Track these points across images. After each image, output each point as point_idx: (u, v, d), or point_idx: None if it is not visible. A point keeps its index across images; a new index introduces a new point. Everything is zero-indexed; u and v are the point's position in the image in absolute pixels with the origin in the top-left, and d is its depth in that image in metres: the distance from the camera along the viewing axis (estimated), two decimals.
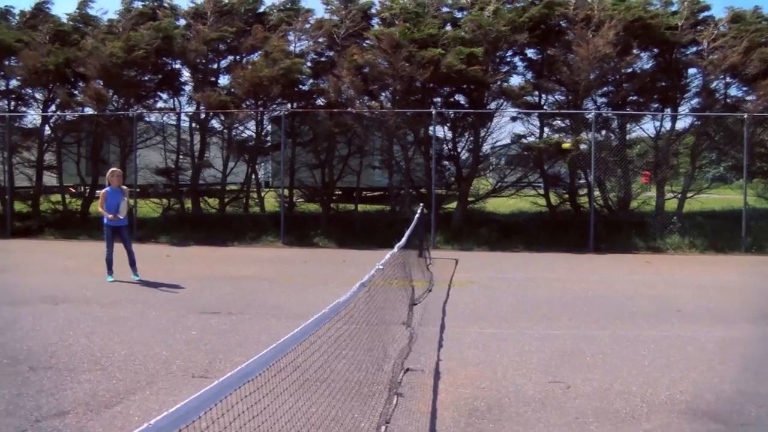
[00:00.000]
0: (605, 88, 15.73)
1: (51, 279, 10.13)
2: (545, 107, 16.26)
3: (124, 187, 10.40)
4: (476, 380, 5.39)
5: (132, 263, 10.22)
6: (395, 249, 6.31)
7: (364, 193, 18.96)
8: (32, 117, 18.26)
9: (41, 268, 11.28)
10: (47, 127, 17.96)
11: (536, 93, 16.05)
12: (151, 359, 5.91)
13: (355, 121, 15.49)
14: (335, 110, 15.38)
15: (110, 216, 10.02)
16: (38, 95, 17.99)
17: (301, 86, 16.64)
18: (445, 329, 7.14)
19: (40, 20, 17.47)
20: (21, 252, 13.42)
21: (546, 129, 16.36)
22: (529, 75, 16.34)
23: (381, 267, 4.92)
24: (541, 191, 16.86)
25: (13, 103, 17.80)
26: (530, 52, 16.20)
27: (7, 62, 17.06)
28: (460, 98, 16.61)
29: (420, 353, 6.14)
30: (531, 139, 16.36)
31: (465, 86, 15.81)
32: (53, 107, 17.84)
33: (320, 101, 16.82)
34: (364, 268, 4.99)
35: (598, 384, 5.33)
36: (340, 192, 18.68)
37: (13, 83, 17.59)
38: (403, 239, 7.29)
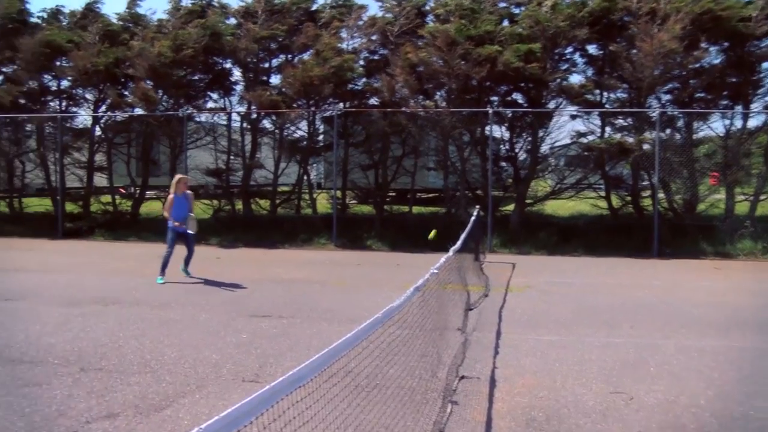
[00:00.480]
0: (670, 85, 15.25)
1: (101, 280, 10.39)
2: (606, 105, 15.88)
3: (189, 192, 10.63)
4: (534, 389, 5.30)
5: (188, 260, 10.58)
6: (450, 252, 6.27)
7: (419, 194, 18.90)
8: (83, 117, 18.81)
9: (92, 270, 11.59)
10: (98, 128, 18.41)
11: (597, 91, 15.70)
12: (200, 362, 5.98)
13: (409, 121, 15.46)
14: (389, 110, 15.39)
15: (176, 223, 10.27)
16: (89, 95, 18.49)
17: (353, 85, 16.71)
18: (501, 335, 7.05)
19: (89, 20, 17.91)
20: (72, 253, 13.82)
21: (607, 128, 15.98)
22: (590, 72, 16.00)
23: (436, 271, 4.88)
24: (602, 193, 16.48)
25: (64, 103, 18.34)
26: (591, 48, 15.86)
27: (58, 63, 17.57)
28: (518, 97, 16.40)
29: (475, 360, 6.08)
30: (591, 138, 16.01)
31: (523, 84, 15.61)
32: (104, 107, 18.29)
33: (373, 101, 16.84)
34: (418, 271, 4.96)
35: (663, 396, 5.16)
36: (393, 193, 18.65)
37: (65, 84, 18.13)
38: (459, 242, 7.22)
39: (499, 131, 16.60)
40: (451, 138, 15.76)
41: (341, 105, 16.95)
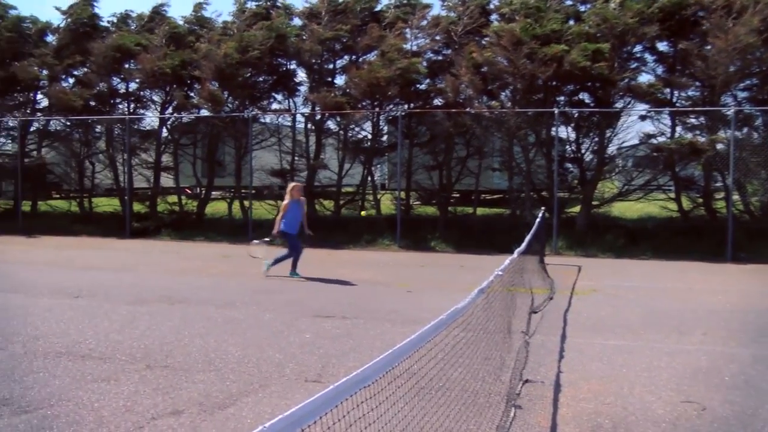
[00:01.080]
0: (747, 82, 14.62)
1: (167, 279, 10.62)
2: (677, 104, 15.36)
3: (303, 199, 10.90)
4: (600, 395, 5.17)
5: (283, 258, 10.84)
6: (515, 254, 6.17)
7: (483, 195, 18.74)
8: (150, 119, 19.33)
9: (158, 269, 11.88)
10: (165, 129, 18.86)
11: (667, 89, 15.20)
12: (264, 362, 6.02)
13: (473, 122, 15.36)
14: (453, 110, 15.31)
15: (274, 232, 10.73)
16: (156, 97, 19.01)
17: (418, 86, 16.70)
18: (566, 339, 6.90)
19: (156, 24, 18.46)
20: (139, 252, 14.20)
21: (678, 128, 15.47)
22: (660, 70, 15.53)
23: (500, 273, 4.82)
24: (672, 195, 15.96)
25: (132, 105, 18.90)
26: (661, 46, 15.37)
27: (127, 66, 18.15)
28: (585, 97, 16.07)
29: (540, 364, 5.98)
30: (661, 139, 15.53)
31: (590, 84, 15.28)
32: (170, 109, 18.73)
33: (437, 101, 16.82)
34: (482, 273, 4.91)
35: (739, 408, 4.93)
36: (457, 194, 18.56)
37: (133, 86, 18.72)
38: (524, 244, 7.12)
39: (565, 132, 16.33)
40: (516, 138, 15.57)
41: (405, 105, 16.95)
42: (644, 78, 15.54)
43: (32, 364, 5.84)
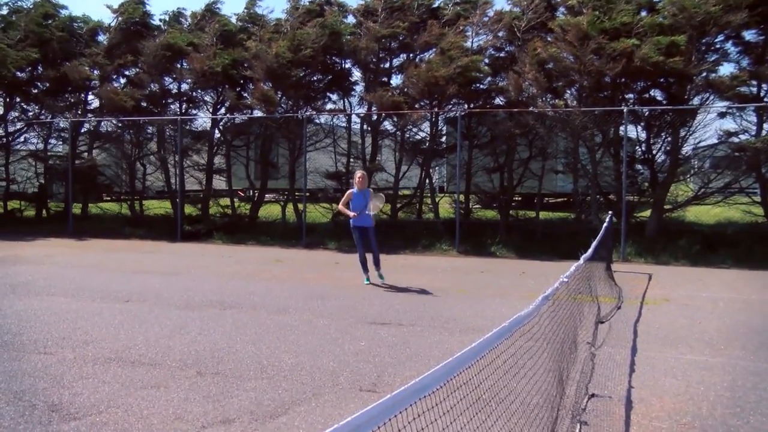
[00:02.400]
0: None
1: (219, 283, 10.73)
2: (766, 99, 14.74)
3: (371, 189, 10.93)
4: (675, 414, 5.00)
5: (376, 263, 10.84)
6: (581, 260, 6.04)
7: (546, 199, 18.49)
8: (202, 120, 19.62)
9: (210, 273, 12.03)
10: (217, 130, 19.09)
11: (753, 82, 14.58)
12: (317, 370, 6.04)
13: (537, 121, 15.15)
14: (515, 110, 15.14)
15: (352, 214, 10.64)
16: (208, 98, 19.28)
17: (478, 84, 16.59)
18: (636, 352, 6.71)
19: (207, 21, 18.68)
20: (190, 256, 14.41)
21: (766, 125, 14.83)
22: (745, 62, 14.93)
23: (566, 279, 4.71)
24: (757, 198, 15.36)
25: (184, 105, 19.23)
26: (748, 35, 14.73)
27: (179, 65, 18.47)
28: (657, 93, 15.65)
29: (607, 377, 5.83)
30: (744, 137, 14.96)
31: (662, 80, 14.86)
32: (222, 110, 18.97)
33: (499, 100, 16.68)
34: (545, 280, 4.83)
35: None
36: (519, 198, 18.36)
37: (185, 86, 19.02)
38: (590, 250, 6.95)
39: (634, 131, 15.96)
40: (581, 139, 15.28)
41: (465, 105, 16.85)
42: (725, 70, 15.03)
43: (82, 370, 5.98)
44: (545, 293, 4.10)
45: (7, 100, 20.06)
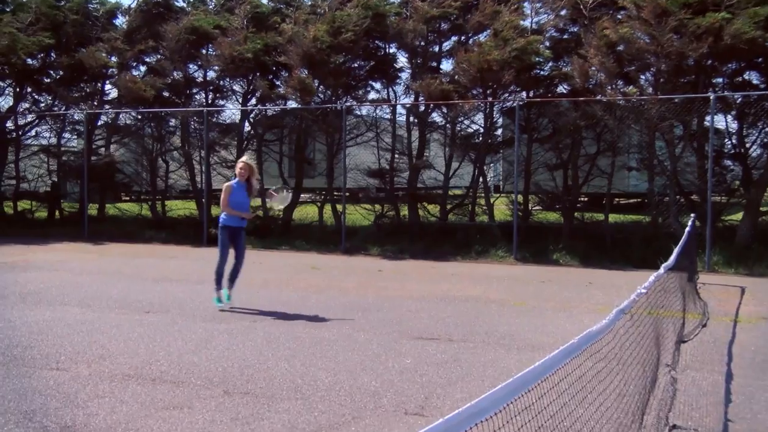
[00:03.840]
0: None
1: (249, 293, 10.70)
2: None
3: (255, 182, 10.21)
4: None
5: (234, 277, 9.92)
6: (661, 270, 5.86)
7: (617, 199, 18.21)
8: (231, 111, 19.72)
9: (239, 281, 11.77)
10: (247, 123, 19.14)
11: None
12: (358, 390, 6.03)
13: (606, 112, 14.89)
14: (581, 99, 14.91)
15: (249, 215, 10.07)
16: (237, 87, 19.36)
17: (538, 70, 16.47)
18: (732, 379, 6.48)
19: (236, 2, 18.67)
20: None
21: None
22: None
23: (644, 291, 4.57)
24: None
25: (210, 96, 19.35)
26: None
27: (204, 51, 18.51)
28: (753, 76, 15.27)
29: (692, 406, 5.65)
30: None
31: (760, 60, 14.46)
32: (253, 100, 19.05)
33: (562, 88, 16.53)
34: (615, 292, 4.71)
35: None
36: (585, 198, 18.13)
37: (211, 74, 19.12)
38: (672, 258, 6.76)
39: (723, 121, 15.59)
40: (659, 131, 14.97)
41: (524, 94, 16.73)
42: None
43: (97, 388, 6.03)
44: (620, 306, 3.99)
45: (17, 90, 20.35)
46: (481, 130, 17.60)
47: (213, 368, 6.65)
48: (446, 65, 17.49)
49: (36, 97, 20.85)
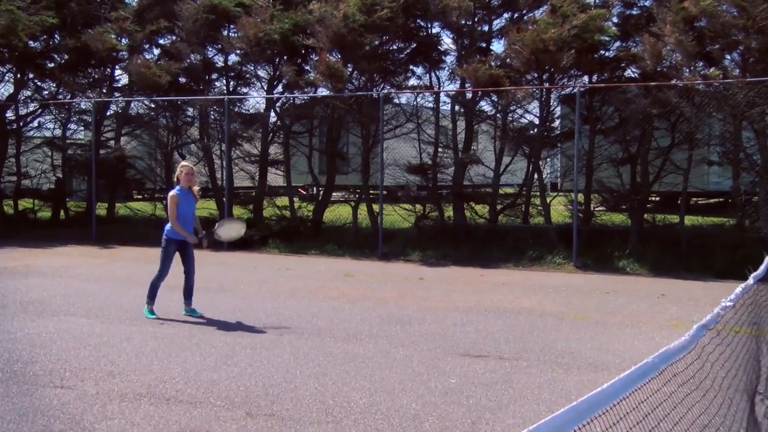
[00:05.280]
0: None
1: (275, 303, 10.79)
2: None
3: (196, 188, 10.16)
4: None
5: (190, 292, 10.08)
6: (750, 280, 5.65)
7: (695, 199, 17.96)
8: (255, 100, 19.82)
9: (263, 289, 12.13)
10: (273, 113, 19.20)
11: None
12: (396, 413, 6.03)
13: (682, 98, 14.66)
14: (653, 83, 14.72)
15: (193, 239, 9.97)
16: (262, 72, 19.38)
17: (603, 51, 16.37)
18: None
19: None
20: (240, 268, 14.55)
21: None
22: None
23: (730, 304, 4.37)
24: None
25: (232, 82, 19.42)
26: None
27: (225, 32, 18.53)
28: None
29: None
30: None
31: None
32: (280, 87, 19.13)
33: (630, 72, 16.45)
34: (693, 305, 4.54)
35: None
36: (657, 198, 17.91)
37: (233, 58, 19.21)
38: (763, 267, 6.53)
39: None
40: (746, 120, 14.72)
41: (585, 79, 16.67)
42: None
43: (105, 408, 6.06)
44: (703, 321, 3.82)
45: (18, 76, 20.61)
46: (537, 120, 17.56)
47: (234, 387, 6.68)
48: (497, 46, 17.45)
49: (38, 83, 21.12)
